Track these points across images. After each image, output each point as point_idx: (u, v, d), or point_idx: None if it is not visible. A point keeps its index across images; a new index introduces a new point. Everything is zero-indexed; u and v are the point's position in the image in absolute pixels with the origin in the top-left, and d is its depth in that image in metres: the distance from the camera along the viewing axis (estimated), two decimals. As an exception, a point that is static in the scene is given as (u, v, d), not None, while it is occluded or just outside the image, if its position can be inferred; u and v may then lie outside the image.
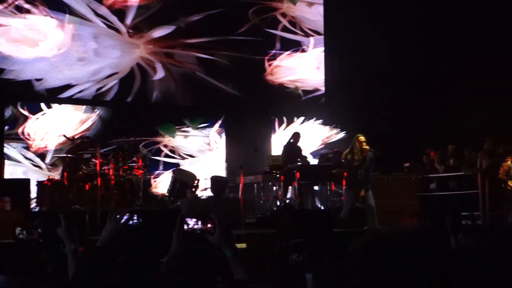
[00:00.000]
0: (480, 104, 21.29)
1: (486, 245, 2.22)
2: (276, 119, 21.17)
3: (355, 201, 13.54)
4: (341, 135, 21.57)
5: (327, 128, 21.83)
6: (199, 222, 3.72)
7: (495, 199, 16.23)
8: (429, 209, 16.57)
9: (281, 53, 21.44)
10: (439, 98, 21.79)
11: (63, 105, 18.45)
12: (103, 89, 18.85)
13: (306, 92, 21.75)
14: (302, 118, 21.50)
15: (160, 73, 19.56)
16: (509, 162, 15.24)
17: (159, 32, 19.63)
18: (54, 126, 18.11)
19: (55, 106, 18.37)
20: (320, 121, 21.77)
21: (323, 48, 22.01)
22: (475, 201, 16.73)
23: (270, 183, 17.03)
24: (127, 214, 4.05)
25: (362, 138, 13.58)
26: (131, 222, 4.04)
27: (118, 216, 4.05)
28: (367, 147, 13.47)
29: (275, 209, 15.96)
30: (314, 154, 20.48)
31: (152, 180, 18.73)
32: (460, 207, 15.97)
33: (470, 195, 17.22)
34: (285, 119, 21.25)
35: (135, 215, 4.10)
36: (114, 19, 19.08)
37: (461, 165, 18.03)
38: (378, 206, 15.37)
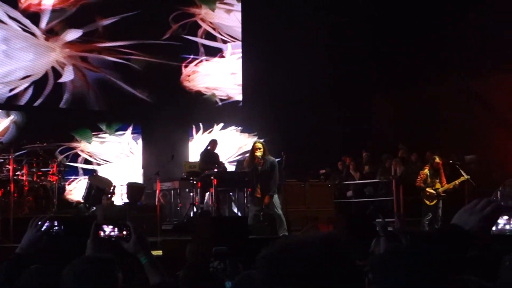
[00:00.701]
0: (394, 112, 21.79)
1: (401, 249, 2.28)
2: (194, 125, 21.18)
3: (259, 207, 13.55)
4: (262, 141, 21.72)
5: (246, 135, 21.95)
6: (116, 229, 3.71)
7: (410, 206, 16.58)
8: (345, 215, 16.84)
9: (199, 59, 21.48)
10: (355, 105, 22.18)
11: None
12: (15, 91, 18.52)
13: (224, 98, 21.83)
14: (221, 125, 21.56)
15: (67, 76, 19.25)
16: (426, 170, 15.62)
17: (74, 35, 19.40)
18: (-35, 131, 17.72)
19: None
20: (239, 128, 21.88)
21: (240, 55, 22.15)
22: (390, 207, 17.08)
23: (187, 190, 16.97)
24: (48, 221, 4.06)
25: (257, 145, 13.57)
26: (52, 229, 4.05)
27: (40, 223, 4.06)
28: (258, 154, 13.39)
29: (191, 215, 15.94)
30: (232, 161, 20.59)
31: (66, 186, 18.49)
32: (375, 214, 16.24)
33: (385, 201, 17.56)
34: (201, 126, 21.27)
35: (56, 222, 4.10)
36: (27, 22, 18.78)
37: (377, 172, 18.40)
38: (294, 213, 15.54)
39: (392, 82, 21.76)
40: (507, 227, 2.61)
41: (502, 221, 2.57)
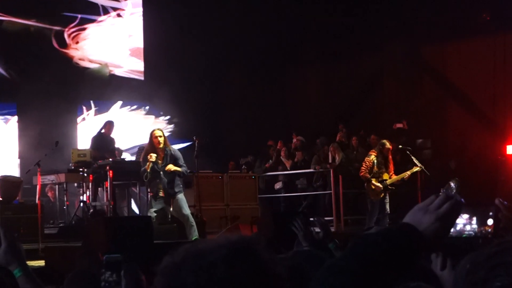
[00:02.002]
0: (330, 87, 21.86)
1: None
2: (83, 105, 20.90)
3: (159, 207, 13.39)
4: (172, 126, 21.51)
5: (151, 117, 21.77)
6: (-20, 235, 3.51)
7: (352, 201, 16.63)
8: (272, 214, 16.77)
9: (89, 21, 21.15)
10: (283, 79, 22.18)
11: None
12: None
13: (120, 70, 21.61)
14: (119, 104, 21.32)
15: None
16: (373, 157, 15.30)
17: None
18: None
19: None
20: (143, 108, 21.69)
21: (141, 14, 21.84)
22: (328, 203, 17.11)
23: (75, 184, 16.73)
24: None
25: (156, 132, 13.34)
26: None
27: None
28: (161, 145, 13.14)
29: (81, 216, 15.73)
30: (133, 149, 20.33)
31: None
32: (308, 212, 16.25)
33: (322, 196, 17.58)
34: (92, 105, 21.00)
35: None
36: None
37: (311, 160, 18.40)
38: (210, 211, 15.45)
39: (326, 51, 21.78)
40: (467, 227, 2.55)
41: (461, 220, 2.53)
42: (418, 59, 21.35)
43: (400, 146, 16.72)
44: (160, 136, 13.05)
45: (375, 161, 15.27)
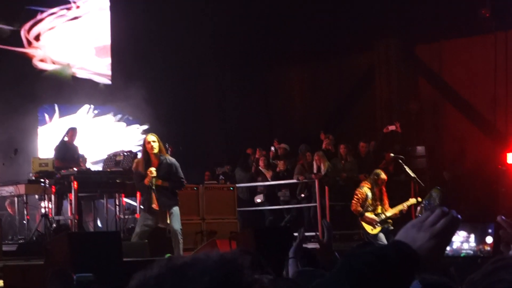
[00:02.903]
0: (315, 89, 21.92)
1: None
2: (46, 108, 20.89)
3: (152, 221, 13.46)
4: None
5: (123, 124, 21.70)
6: None
7: (339, 214, 16.63)
8: (252, 229, 16.86)
9: (48, 13, 21.13)
10: (263, 82, 22.19)
11: None
12: None
13: (84, 72, 21.57)
14: (87, 107, 21.27)
15: None
16: (365, 189, 14.96)
17: None
18: None
19: None
20: (110, 114, 21.63)
21: (108, 7, 21.84)
22: (313, 216, 17.17)
23: (37, 196, 16.76)
24: None
25: (150, 137, 13.33)
26: None
27: None
28: (155, 151, 13.14)
29: (44, 231, 15.72)
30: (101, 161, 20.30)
31: None
32: (292, 226, 16.25)
33: (306, 209, 17.63)
34: (57, 108, 20.98)
35: None
36: None
37: (293, 170, 18.43)
38: (185, 225, 15.50)
39: (312, 50, 21.82)
40: (465, 246, 2.63)
41: (458, 238, 2.61)
42: (413, 58, 21.42)
43: (392, 155, 16.72)
44: (154, 141, 13.04)
45: (369, 193, 14.90)
